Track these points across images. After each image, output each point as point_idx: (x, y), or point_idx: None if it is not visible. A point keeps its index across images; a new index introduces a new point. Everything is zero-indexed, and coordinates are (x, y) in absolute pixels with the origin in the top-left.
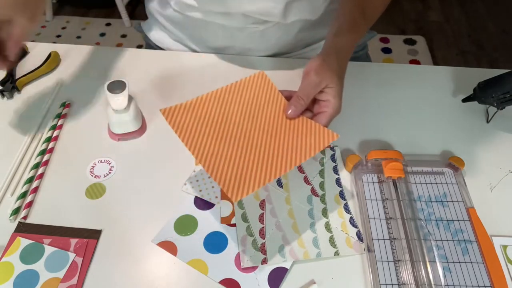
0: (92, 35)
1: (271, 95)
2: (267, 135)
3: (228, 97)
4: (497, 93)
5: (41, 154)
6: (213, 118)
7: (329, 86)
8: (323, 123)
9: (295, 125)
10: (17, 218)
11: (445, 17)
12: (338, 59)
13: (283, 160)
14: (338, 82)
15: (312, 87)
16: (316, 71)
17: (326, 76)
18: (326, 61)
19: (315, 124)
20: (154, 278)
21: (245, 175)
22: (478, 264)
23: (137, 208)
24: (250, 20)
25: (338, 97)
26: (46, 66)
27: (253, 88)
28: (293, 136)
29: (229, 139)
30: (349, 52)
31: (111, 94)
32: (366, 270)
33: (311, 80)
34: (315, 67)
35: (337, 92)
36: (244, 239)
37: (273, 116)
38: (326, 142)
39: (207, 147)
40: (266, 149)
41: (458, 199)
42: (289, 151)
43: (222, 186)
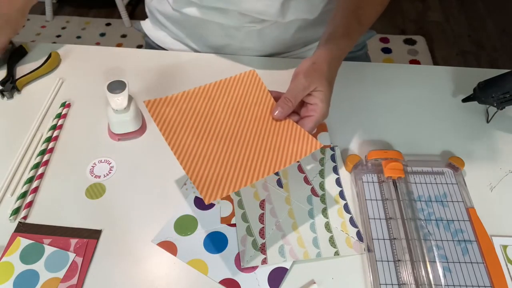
0: (92, 35)
1: (259, 94)
2: (251, 136)
3: (215, 93)
4: (497, 93)
5: (41, 154)
6: (197, 114)
7: (317, 89)
8: (309, 126)
9: (280, 128)
10: (17, 218)
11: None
12: (329, 64)
13: (262, 165)
14: (327, 86)
15: (301, 89)
16: (306, 74)
17: (315, 79)
18: (316, 64)
19: (300, 129)
20: (154, 278)
21: (221, 176)
22: (478, 264)
23: (137, 208)
24: (247, 19)
25: (326, 102)
26: (46, 66)
27: (242, 86)
28: (277, 139)
29: (211, 137)
30: (341, 58)
31: (111, 94)
32: (366, 270)
33: (299, 82)
34: (305, 70)
35: (325, 96)
36: (244, 239)
37: (259, 116)
38: (308, 150)
39: (187, 144)
40: (247, 151)
41: (458, 199)
42: (270, 156)
43: (197, 185)
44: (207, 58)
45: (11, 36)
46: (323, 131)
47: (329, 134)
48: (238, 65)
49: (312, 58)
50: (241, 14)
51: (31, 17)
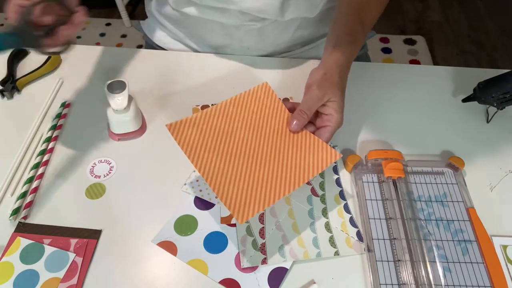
0: (92, 35)
1: (274, 107)
2: (271, 151)
3: (232, 110)
4: (497, 93)
5: (41, 154)
6: (218, 133)
7: (331, 100)
8: (325, 136)
9: (298, 140)
10: (17, 218)
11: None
12: (340, 73)
13: (287, 180)
14: (340, 95)
15: (315, 101)
16: (319, 85)
17: (329, 90)
18: (328, 74)
19: (318, 140)
20: (154, 278)
21: (250, 195)
22: (478, 264)
23: (137, 208)
24: (247, 18)
25: (340, 111)
26: (47, 67)
27: (257, 100)
28: (297, 152)
29: (234, 156)
30: (349, 66)
31: (111, 94)
32: (366, 270)
33: (313, 94)
34: (318, 81)
35: (339, 106)
36: (244, 239)
37: (277, 129)
38: (329, 162)
39: (212, 165)
40: (270, 167)
41: (458, 199)
42: (293, 170)
43: (228, 207)
44: (207, 58)
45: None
46: None
47: None
48: (238, 65)
49: (323, 69)
50: (241, 13)
51: None
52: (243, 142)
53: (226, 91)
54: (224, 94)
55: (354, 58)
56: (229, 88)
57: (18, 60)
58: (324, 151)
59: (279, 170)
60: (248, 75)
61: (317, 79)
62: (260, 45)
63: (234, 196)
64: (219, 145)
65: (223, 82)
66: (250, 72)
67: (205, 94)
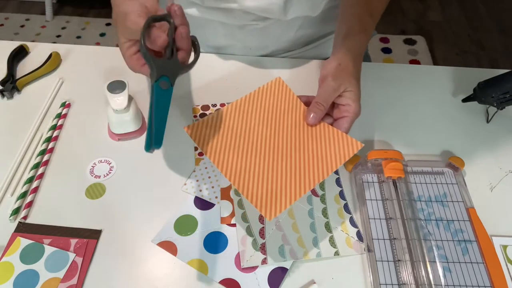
0: (92, 35)
1: (290, 102)
2: (292, 146)
3: (248, 107)
4: (497, 93)
5: (41, 154)
6: (236, 131)
7: (347, 89)
8: (344, 127)
9: (317, 133)
10: (17, 218)
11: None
12: (354, 62)
13: (310, 173)
14: (356, 85)
15: (331, 92)
16: (334, 76)
17: (344, 80)
18: (342, 65)
19: (337, 131)
20: (154, 278)
21: (275, 191)
22: (478, 264)
23: (137, 208)
24: (250, 17)
25: (357, 101)
26: (47, 67)
27: (271, 96)
28: (317, 145)
29: (255, 153)
30: (362, 54)
31: (111, 94)
32: (366, 270)
33: (329, 85)
34: (332, 72)
35: (356, 95)
36: (244, 239)
37: (294, 124)
38: (351, 152)
39: (234, 163)
40: (292, 162)
41: (458, 199)
42: (316, 163)
43: (255, 205)
44: (208, 58)
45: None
46: None
47: None
48: (240, 65)
49: (336, 59)
50: (244, 13)
51: (31, 17)
52: (262, 138)
53: (227, 91)
54: (225, 94)
55: (365, 47)
56: (230, 88)
57: (18, 60)
58: (345, 141)
59: (302, 164)
60: (250, 75)
61: (331, 70)
62: (262, 45)
63: (259, 193)
64: (238, 143)
65: (224, 82)
66: (251, 72)
67: (206, 94)
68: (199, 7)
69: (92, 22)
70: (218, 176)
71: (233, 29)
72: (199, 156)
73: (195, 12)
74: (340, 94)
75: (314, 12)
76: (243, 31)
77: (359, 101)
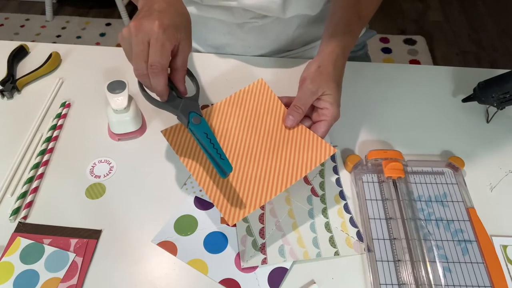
0: (92, 35)
1: (270, 103)
2: (266, 149)
3: (228, 109)
4: (497, 93)
5: (41, 154)
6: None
7: (326, 93)
8: (321, 131)
9: (294, 136)
10: (17, 218)
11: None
12: (334, 64)
13: (280, 178)
14: (335, 88)
15: (309, 95)
16: (312, 79)
17: (322, 83)
18: (321, 67)
19: (313, 135)
20: (154, 278)
21: (242, 195)
22: (478, 264)
23: (137, 208)
24: (249, 15)
25: (335, 104)
26: (47, 67)
27: (252, 97)
28: (292, 149)
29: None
30: (345, 56)
31: (111, 94)
32: (366, 270)
33: (307, 88)
34: (311, 75)
35: (335, 99)
36: (244, 239)
37: (272, 125)
38: (323, 157)
39: (205, 167)
40: (264, 166)
41: (458, 199)
42: (287, 168)
43: (219, 209)
44: (208, 58)
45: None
46: None
47: (329, 134)
48: (239, 65)
49: (317, 61)
50: (243, 10)
51: (31, 17)
52: (237, 142)
53: (226, 91)
54: (224, 94)
55: (351, 49)
56: (229, 88)
57: (18, 60)
58: (319, 146)
59: (273, 168)
60: (249, 74)
61: (310, 73)
62: (261, 44)
63: (225, 197)
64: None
65: (223, 82)
66: (250, 72)
67: (206, 94)
68: (198, 5)
69: (92, 22)
70: None
71: (232, 27)
72: None
73: (194, 10)
74: (318, 98)
75: (313, 10)
76: (242, 29)
77: (337, 105)
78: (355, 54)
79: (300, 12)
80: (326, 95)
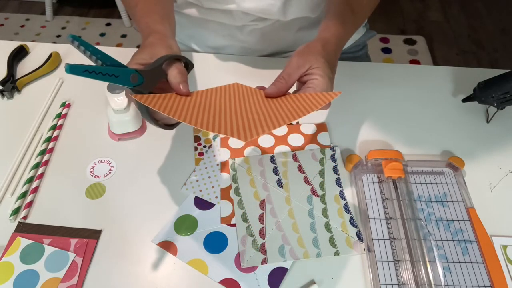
0: (92, 35)
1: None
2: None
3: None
4: (497, 93)
5: (41, 154)
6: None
7: (313, 66)
8: None
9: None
10: (17, 218)
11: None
12: (324, 45)
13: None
14: (324, 63)
15: (294, 67)
16: (299, 54)
17: (310, 57)
18: (309, 46)
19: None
20: (154, 278)
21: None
22: (478, 264)
23: (137, 208)
24: (249, 18)
25: (325, 78)
26: (47, 67)
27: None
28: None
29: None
30: (337, 44)
31: (111, 94)
32: (366, 270)
33: (293, 61)
34: (299, 52)
35: (324, 71)
36: (244, 239)
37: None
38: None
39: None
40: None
41: (458, 199)
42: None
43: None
44: (207, 58)
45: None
46: (323, 131)
47: (329, 134)
48: (239, 65)
49: (307, 43)
50: (243, 13)
51: (31, 17)
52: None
53: None
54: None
55: (344, 39)
56: None
57: (18, 60)
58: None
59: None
60: (249, 75)
61: (298, 51)
62: (261, 46)
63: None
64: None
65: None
66: (250, 73)
67: None
68: (199, 8)
69: (92, 22)
70: (218, 176)
71: (232, 29)
72: (199, 156)
73: (194, 13)
74: (306, 72)
75: (313, 13)
76: (243, 32)
77: (328, 78)
78: (355, 54)
79: (300, 15)
80: (314, 68)
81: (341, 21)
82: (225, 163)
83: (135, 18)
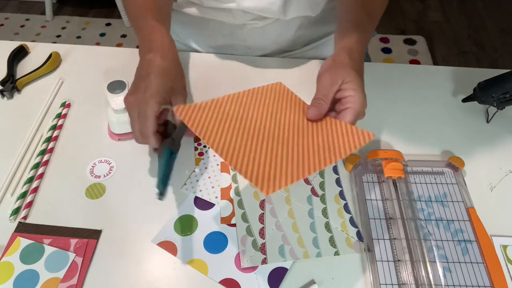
0: (92, 35)
1: (292, 101)
2: (294, 134)
3: (246, 100)
4: (497, 93)
5: (41, 154)
6: (232, 117)
7: (346, 81)
8: (348, 119)
9: (321, 127)
10: (17, 218)
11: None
12: (350, 55)
13: (315, 158)
14: (355, 75)
15: (328, 86)
16: (330, 71)
17: (341, 72)
18: (336, 60)
19: (344, 123)
20: (154, 278)
21: (274, 169)
22: (478, 264)
23: (137, 208)
24: (250, 17)
25: (359, 90)
26: (47, 67)
27: (272, 95)
28: (322, 135)
29: (253, 135)
30: (360, 51)
31: (111, 94)
32: (366, 270)
33: (325, 79)
34: (327, 67)
35: (357, 85)
36: (244, 239)
37: (296, 118)
38: (362, 142)
39: (229, 144)
40: (294, 146)
41: (458, 199)
42: (320, 150)
43: (252, 181)
44: (208, 58)
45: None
46: None
47: None
48: (239, 65)
49: (331, 57)
50: (244, 12)
51: (31, 17)
52: (261, 125)
53: (226, 91)
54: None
55: (365, 44)
56: (229, 88)
57: (18, 60)
58: (353, 132)
59: (304, 149)
60: (250, 75)
61: (326, 66)
62: (261, 44)
63: (256, 170)
64: (234, 127)
65: (223, 82)
66: (251, 72)
67: (205, 94)
68: (199, 7)
69: (92, 22)
70: (218, 176)
71: (232, 28)
72: (199, 156)
73: (194, 12)
74: (340, 88)
75: (313, 12)
76: (243, 31)
77: (362, 91)
78: None
79: (300, 14)
80: (346, 82)
81: (359, 26)
82: (225, 163)
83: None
